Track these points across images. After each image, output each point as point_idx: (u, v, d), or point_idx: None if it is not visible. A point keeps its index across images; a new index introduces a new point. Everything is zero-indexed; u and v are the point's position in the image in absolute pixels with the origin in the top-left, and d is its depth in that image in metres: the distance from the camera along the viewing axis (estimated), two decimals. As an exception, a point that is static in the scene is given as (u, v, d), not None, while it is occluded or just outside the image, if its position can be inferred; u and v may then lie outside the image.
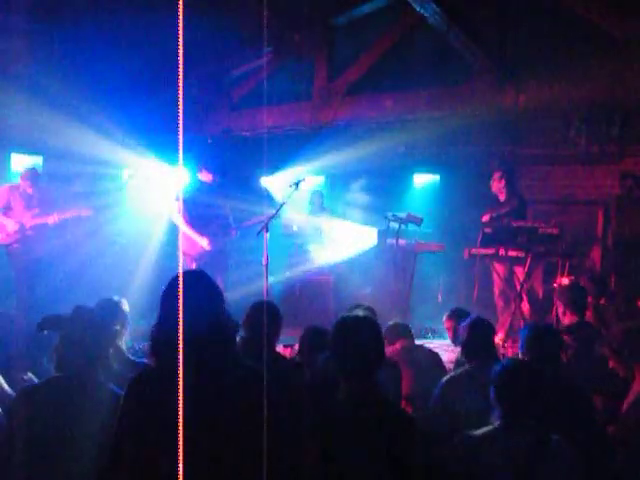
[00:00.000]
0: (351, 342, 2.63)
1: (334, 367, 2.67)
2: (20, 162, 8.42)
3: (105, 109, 7.74)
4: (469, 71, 7.34)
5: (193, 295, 2.32)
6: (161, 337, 2.32)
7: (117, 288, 6.64)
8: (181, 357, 2.17)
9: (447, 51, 7.28)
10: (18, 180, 7.55)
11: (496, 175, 7.71)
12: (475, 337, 3.87)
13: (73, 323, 3.12)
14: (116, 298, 4.18)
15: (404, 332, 4.49)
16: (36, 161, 8.73)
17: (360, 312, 3.38)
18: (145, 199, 7.86)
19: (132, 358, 4.04)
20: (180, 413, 2.12)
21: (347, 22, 8.18)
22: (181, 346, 2.19)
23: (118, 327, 3.95)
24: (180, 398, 2.13)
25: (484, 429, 2.85)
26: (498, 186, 7.65)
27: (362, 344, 2.62)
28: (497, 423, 2.85)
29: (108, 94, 7.69)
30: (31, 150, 8.72)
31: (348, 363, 2.60)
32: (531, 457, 2.71)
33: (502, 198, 7.66)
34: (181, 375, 2.18)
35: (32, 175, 7.52)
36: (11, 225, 7.28)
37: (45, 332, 3.54)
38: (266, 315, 3.99)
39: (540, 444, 2.75)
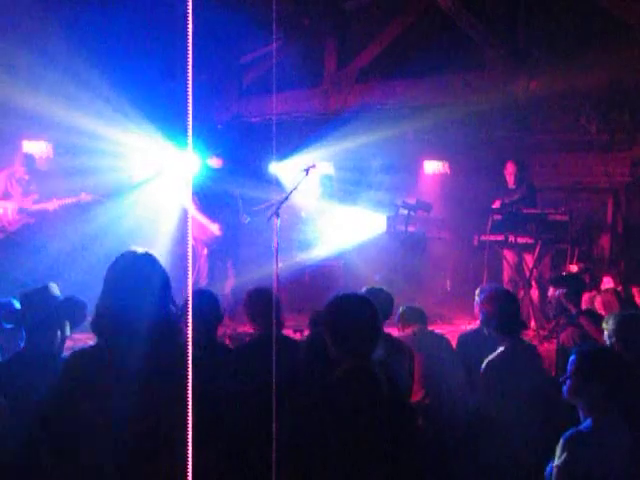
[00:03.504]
0: (346, 320, 2.62)
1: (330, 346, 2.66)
2: (31, 149, 8.43)
3: (116, 94, 7.75)
4: (480, 57, 7.31)
5: (136, 277, 2.36)
6: (102, 316, 2.35)
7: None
8: (116, 338, 2.22)
9: (458, 37, 7.25)
10: (15, 166, 7.46)
11: (508, 162, 7.71)
12: (505, 310, 3.85)
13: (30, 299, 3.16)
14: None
15: (417, 317, 4.50)
16: (47, 148, 8.75)
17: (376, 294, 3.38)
18: (156, 186, 7.87)
19: None
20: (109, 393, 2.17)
21: (358, 7, 8.15)
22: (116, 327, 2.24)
23: None
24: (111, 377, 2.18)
25: (583, 427, 2.63)
26: (509, 173, 7.65)
27: (358, 322, 2.60)
28: (589, 421, 2.63)
29: (119, 79, 7.70)
30: (42, 137, 8.73)
31: (344, 341, 2.59)
32: (632, 455, 2.52)
33: (512, 185, 7.66)
34: (114, 356, 2.22)
35: (27, 160, 7.47)
36: (10, 208, 7.22)
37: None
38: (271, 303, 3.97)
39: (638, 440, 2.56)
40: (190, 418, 2.01)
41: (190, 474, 2.04)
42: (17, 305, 3.92)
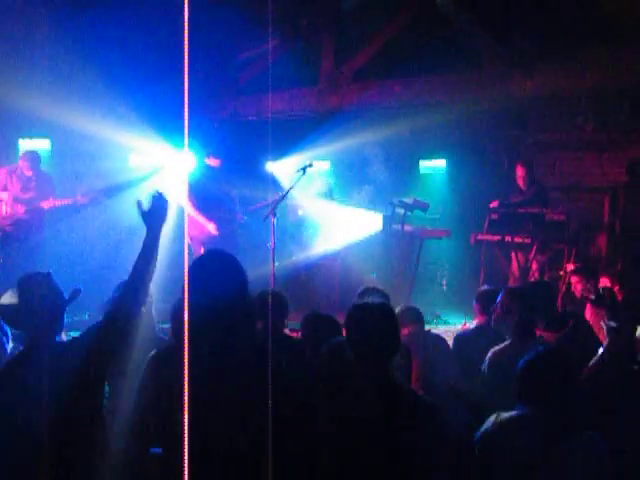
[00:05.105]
0: (368, 328, 2.59)
1: (349, 353, 2.64)
2: (28, 147, 8.40)
3: (113, 93, 7.72)
4: (477, 56, 7.30)
5: (218, 277, 2.35)
6: (183, 317, 2.33)
7: (124, 272, 6.65)
8: (199, 337, 2.20)
9: (455, 36, 7.25)
10: (18, 161, 7.57)
11: (517, 166, 7.68)
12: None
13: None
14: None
15: (414, 317, 4.47)
16: (44, 145, 8.72)
17: (374, 298, 3.35)
18: (152, 185, 7.83)
19: (161, 336, 4.06)
20: (190, 391, 2.16)
21: (355, 6, 8.13)
22: (200, 326, 2.23)
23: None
24: (190, 377, 2.16)
25: (512, 412, 2.79)
26: (519, 177, 7.60)
27: (379, 330, 2.59)
28: (522, 409, 2.78)
29: (116, 78, 7.68)
30: (39, 134, 8.70)
31: (366, 349, 2.57)
32: (550, 447, 2.62)
33: (524, 188, 7.61)
34: (197, 354, 2.21)
35: (33, 157, 7.56)
36: (4, 207, 7.31)
37: None
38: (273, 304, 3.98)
39: (563, 435, 2.65)
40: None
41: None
42: None
